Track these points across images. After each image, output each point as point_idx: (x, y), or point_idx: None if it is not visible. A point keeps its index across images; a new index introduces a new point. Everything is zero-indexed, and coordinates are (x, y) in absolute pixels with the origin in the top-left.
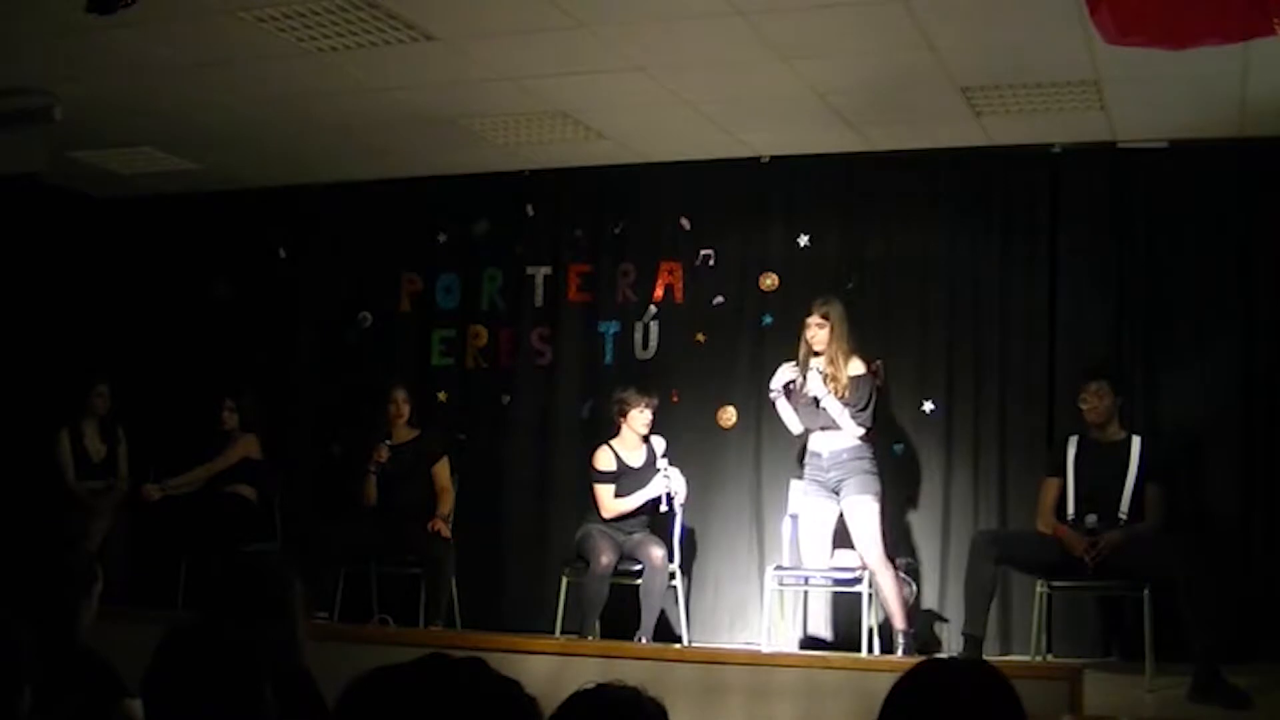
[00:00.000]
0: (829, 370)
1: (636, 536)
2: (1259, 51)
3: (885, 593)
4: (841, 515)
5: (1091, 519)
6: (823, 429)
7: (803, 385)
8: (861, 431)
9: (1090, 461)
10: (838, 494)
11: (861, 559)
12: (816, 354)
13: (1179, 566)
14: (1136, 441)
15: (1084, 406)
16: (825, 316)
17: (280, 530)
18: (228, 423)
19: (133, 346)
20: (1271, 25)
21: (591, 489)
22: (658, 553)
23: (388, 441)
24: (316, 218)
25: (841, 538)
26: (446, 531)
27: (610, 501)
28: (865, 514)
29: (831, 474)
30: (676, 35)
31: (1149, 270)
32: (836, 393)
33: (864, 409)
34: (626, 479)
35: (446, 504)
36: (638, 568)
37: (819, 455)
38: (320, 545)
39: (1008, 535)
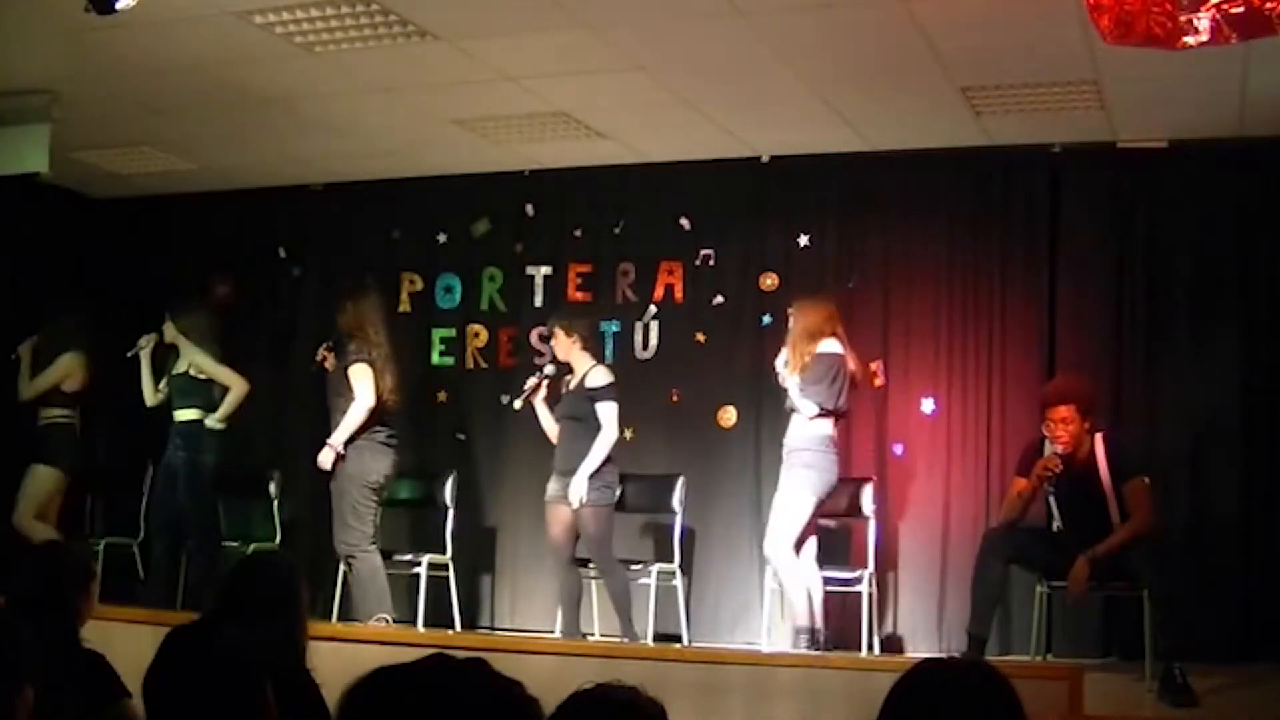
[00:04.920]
0: (790, 354)
1: (570, 479)
2: (1259, 51)
3: (785, 589)
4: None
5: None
6: (791, 411)
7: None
8: (813, 409)
9: (1069, 485)
10: None
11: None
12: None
13: (1145, 568)
14: (1099, 441)
15: (1049, 434)
16: (788, 317)
17: (281, 531)
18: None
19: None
20: (1272, 25)
21: None
22: (587, 517)
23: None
24: (316, 218)
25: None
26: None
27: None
28: (779, 503)
29: (787, 460)
30: (676, 35)
31: (1149, 270)
32: (797, 371)
33: (815, 384)
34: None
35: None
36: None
37: (785, 442)
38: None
39: (1019, 533)
